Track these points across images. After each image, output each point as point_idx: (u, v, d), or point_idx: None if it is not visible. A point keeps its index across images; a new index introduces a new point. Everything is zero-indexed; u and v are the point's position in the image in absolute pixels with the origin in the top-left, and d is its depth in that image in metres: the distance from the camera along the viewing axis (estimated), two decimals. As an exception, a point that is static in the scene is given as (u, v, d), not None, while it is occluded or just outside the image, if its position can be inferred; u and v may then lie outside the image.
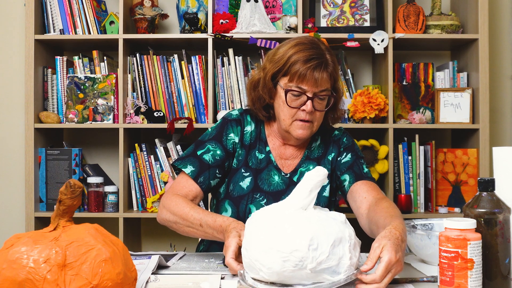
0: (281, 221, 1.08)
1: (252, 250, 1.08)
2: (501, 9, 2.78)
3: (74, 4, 2.50)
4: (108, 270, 0.88)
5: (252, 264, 1.09)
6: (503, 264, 1.03)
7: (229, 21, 2.47)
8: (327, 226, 1.10)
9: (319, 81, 1.42)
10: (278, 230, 1.07)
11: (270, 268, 1.05)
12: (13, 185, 2.77)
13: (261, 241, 1.07)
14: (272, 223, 1.09)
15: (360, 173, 1.52)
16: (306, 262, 1.03)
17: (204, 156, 1.50)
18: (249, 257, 1.09)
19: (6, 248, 0.89)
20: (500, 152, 1.13)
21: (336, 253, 1.06)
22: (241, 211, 1.51)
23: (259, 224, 1.11)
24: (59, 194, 0.93)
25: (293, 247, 1.03)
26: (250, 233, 1.12)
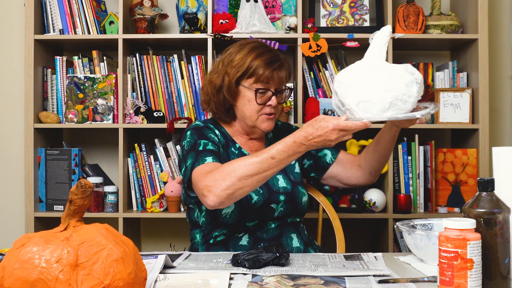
0: (375, 70, 1.39)
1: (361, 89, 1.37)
2: (501, 9, 2.78)
3: (74, 4, 2.50)
4: (120, 270, 0.88)
5: (364, 105, 1.38)
6: (502, 264, 1.03)
7: (228, 21, 2.47)
8: (408, 67, 1.38)
9: (282, 79, 1.63)
10: (381, 74, 1.37)
11: (383, 100, 1.34)
12: (12, 185, 2.77)
13: (367, 79, 1.38)
14: (368, 73, 1.40)
15: (336, 146, 1.65)
16: (407, 96, 1.33)
17: (208, 147, 1.57)
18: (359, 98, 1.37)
19: (16, 248, 0.89)
20: (499, 152, 1.13)
21: (420, 90, 1.37)
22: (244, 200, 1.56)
23: (355, 78, 1.42)
24: (70, 194, 0.93)
25: (397, 79, 1.34)
26: (351, 86, 1.40)
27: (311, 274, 1.19)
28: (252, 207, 1.58)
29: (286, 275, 1.17)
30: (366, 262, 1.30)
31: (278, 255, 1.26)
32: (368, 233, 2.78)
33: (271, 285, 1.10)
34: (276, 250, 1.27)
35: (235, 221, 1.58)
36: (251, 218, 1.59)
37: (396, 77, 1.34)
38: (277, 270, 1.22)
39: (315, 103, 2.48)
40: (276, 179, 1.66)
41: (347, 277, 1.17)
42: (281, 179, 1.67)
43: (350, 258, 1.35)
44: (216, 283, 1.11)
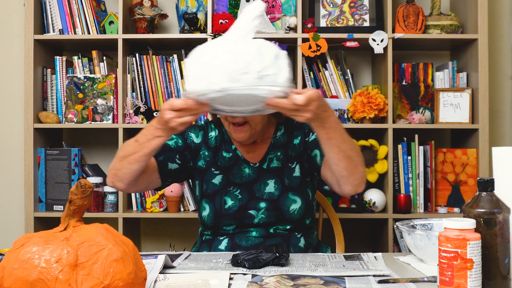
0: (228, 41, 1.24)
1: (203, 61, 1.21)
2: (501, 9, 2.78)
3: (74, 4, 2.50)
4: (120, 270, 0.88)
5: (201, 75, 1.19)
6: (502, 264, 1.03)
7: (228, 21, 2.47)
8: (269, 43, 1.28)
9: None
10: (228, 45, 1.23)
11: (221, 70, 1.16)
12: (12, 185, 2.77)
13: (213, 51, 1.21)
14: (219, 45, 1.24)
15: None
16: (252, 65, 1.17)
17: (168, 142, 1.63)
18: (198, 69, 1.20)
19: (16, 248, 0.89)
20: (499, 152, 1.13)
21: (277, 64, 1.20)
22: (217, 204, 1.58)
23: (205, 48, 1.25)
24: (70, 194, 0.93)
25: (242, 48, 1.20)
26: (200, 52, 1.24)
27: (311, 274, 1.19)
28: (225, 212, 1.57)
29: (286, 275, 1.17)
30: (366, 262, 1.30)
31: (278, 255, 1.26)
32: (368, 233, 2.78)
33: (271, 285, 1.10)
34: (276, 250, 1.27)
35: (212, 224, 1.59)
36: (227, 223, 1.58)
37: (245, 50, 1.21)
38: (277, 270, 1.22)
39: (315, 103, 2.48)
40: (264, 184, 1.59)
41: (347, 277, 1.17)
42: (271, 184, 1.59)
43: (350, 258, 1.35)
44: (216, 283, 1.11)
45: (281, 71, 1.20)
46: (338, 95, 2.54)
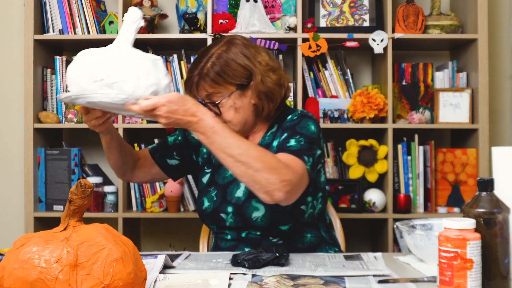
0: (103, 49, 1.31)
1: (76, 66, 1.30)
2: (501, 9, 2.78)
3: (74, 4, 2.50)
4: (119, 270, 0.88)
5: (74, 80, 1.29)
6: (502, 264, 1.03)
7: (228, 21, 2.47)
8: (138, 52, 1.32)
9: (196, 96, 1.50)
10: (96, 53, 1.30)
11: (81, 77, 1.26)
12: (12, 185, 2.77)
13: (86, 57, 1.30)
14: (91, 52, 1.31)
15: (283, 146, 1.44)
16: (99, 73, 1.25)
17: (168, 138, 1.71)
18: (72, 75, 1.30)
19: (16, 248, 0.89)
20: (499, 152, 1.13)
21: (129, 73, 1.26)
22: (199, 204, 1.61)
23: (85, 53, 1.32)
24: (70, 194, 0.93)
25: (99, 58, 1.27)
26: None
27: (310, 274, 1.19)
28: (204, 212, 1.58)
29: (286, 275, 1.17)
30: (366, 262, 1.30)
31: (277, 255, 1.26)
32: (368, 233, 2.78)
33: (270, 285, 1.10)
34: (276, 250, 1.27)
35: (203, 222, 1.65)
36: (208, 222, 1.60)
37: (101, 60, 1.27)
38: (276, 270, 1.22)
39: (314, 103, 2.48)
40: (237, 187, 1.53)
41: (347, 277, 1.17)
42: (241, 189, 1.52)
43: (350, 258, 1.35)
44: (216, 283, 1.11)
45: (140, 78, 1.26)
46: (338, 95, 2.54)
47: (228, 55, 1.47)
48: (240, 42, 1.51)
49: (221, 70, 1.46)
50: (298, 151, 1.41)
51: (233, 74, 1.46)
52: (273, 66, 1.51)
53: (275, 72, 1.51)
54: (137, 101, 1.26)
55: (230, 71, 1.46)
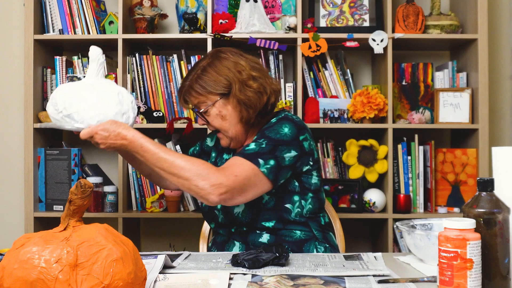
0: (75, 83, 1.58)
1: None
2: (501, 9, 2.78)
3: (74, 4, 2.50)
4: (119, 270, 0.88)
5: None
6: (502, 264, 1.03)
7: (228, 21, 2.47)
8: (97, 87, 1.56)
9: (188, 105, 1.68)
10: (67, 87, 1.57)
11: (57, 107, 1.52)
12: (12, 185, 2.77)
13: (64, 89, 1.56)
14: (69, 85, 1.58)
15: (241, 150, 1.53)
16: (60, 105, 1.51)
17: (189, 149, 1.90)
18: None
19: (16, 248, 0.89)
20: (499, 152, 1.13)
21: (79, 106, 1.51)
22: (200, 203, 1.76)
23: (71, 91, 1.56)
24: (69, 194, 0.93)
25: (63, 92, 1.54)
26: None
27: (310, 274, 1.19)
28: (203, 211, 1.71)
29: (286, 275, 1.17)
30: (365, 262, 1.30)
31: (277, 255, 1.26)
32: (368, 233, 2.78)
33: (270, 285, 1.10)
34: (275, 250, 1.27)
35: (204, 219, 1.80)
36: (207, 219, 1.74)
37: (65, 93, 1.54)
38: (276, 270, 1.22)
39: (314, 103, 2.48)
40: None
41: (346, 277, 1.17)
42: None
43: (349, 258, 1.35)
44: (215, 283, 1.11)
45: (86, 110, 1.51)
46: (338, 95, 2.54)
47: (210, 67, 1.61)
48: (224, 54, 1.63)
49: (203, 82, 1.59)
50: (251, 154, 1.49)
51: (214, 85, 1.58)
52: (254, 75, 1.60)
53: (256, 81, 1.60)
54: (78, 129, 1.53)
55: (211, 82, 1.59)
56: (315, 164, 1.63)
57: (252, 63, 1.63)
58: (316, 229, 1.63)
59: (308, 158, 1.60)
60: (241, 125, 1.62)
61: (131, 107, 1.57)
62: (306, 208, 1.61)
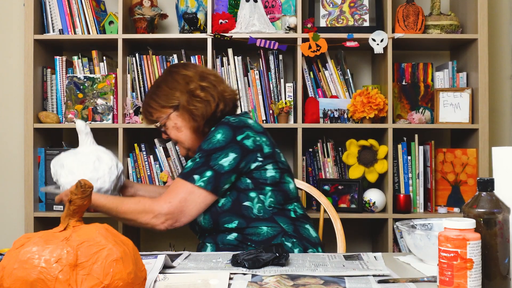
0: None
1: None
2: (501, 9, 2.78)
3: (74, 4, 2.50)
4: (119, 270, 0.88)
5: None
6: (502, 264, 1.03)
7: (228, 21, 2.47)
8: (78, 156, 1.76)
9: (149, 123, 1.81)
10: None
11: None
12: (12, 185, 2.77)
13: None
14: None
15: (182, 169, 1.65)
16: (53, 174, 1.77)
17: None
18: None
19: (16, 248, 0.89)
20: (499, 152, 1.13)
21: (64, 172, 1.73)
22: None
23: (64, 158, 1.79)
24: (69, 194, 0.93)
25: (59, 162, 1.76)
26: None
27: (310, 274, 1.19)
28: None
29: (286, 275, 1.17)
30: (365, 262, 1.30)
31: (277, 255, 1.26)
32: (368, 233, 2.78)
33: (270, 285, 1.10)
34: (275, 250, 1.27)
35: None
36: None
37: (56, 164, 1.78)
38: (276, 270, 1.22)
39: (314, 103, 2.48)
40: None
41: (346, 277, 1.17)
42: None
43: (349, 258, 1.35)
44: (215, 283, 1.11)
45: (69, 175, 1.73)
46: (338, 95, 2.54)
47: (163, 83, 1.73)
48: (175, 69, 1.75)
49: (157, 97, 1.72)
50: (187, 173, 1.59)
51: (166, 99, 1.70)
52: (202, 85, 1.69)
53: (204, 90, 1.69)
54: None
55: (164, 96, 1.71)
56: (267, 159, 1.63)
57: (203, 74, 1.73)
58: (285, 223, 1.63)
59: (255, 155, 1.61)
60: (194, 134, 1.72)
61: (107, 172, 1.74)
62: (267, 202, 1.62)
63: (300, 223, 1.67)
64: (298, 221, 1.67)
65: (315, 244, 1.66)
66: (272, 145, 1.67)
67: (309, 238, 1.66)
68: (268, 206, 1.62)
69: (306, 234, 1.66)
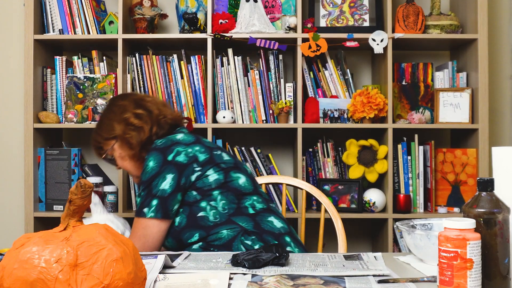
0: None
1: None
2: (501, 9, 2.78)
3: (74, 4, 2.50)
4: (119, 270, 0.88)
5: None
6: (502, 264, 1.03)
7: (228, 21, 2.47)
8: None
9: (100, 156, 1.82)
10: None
11: None
12: (12, 185, 2.77)
13: None
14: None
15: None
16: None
17: None
18: None
19: (16, 248, 0.89)
20: (499, 152, 1.13)
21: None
22: None
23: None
24: (69, 194, 0.93)
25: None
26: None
27: (310, 274, 1.19)
28: None
29: (286, 275, 1.17)
30: (365, 262, 1.30)
31: (277, 255, 1.26)
32: (368, 233, 2.78)
33: (270, 285, 1.10)
34: (275, 250, 1.27)
35: None
36: None
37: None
38: (276, 270, 1.22)
39: (314, 103, 2.48)
40: None
41: (346, 277, 1.17)
42: None
43: (349, 258, 1.35)
44: (215, 283, 1.11)
45: None
46: (338, 95, 2.54)
47: (104, 116, 1.79)
48: (114, 101, 1.81)
49: (100, 130, 1.77)
50: (138, 210, 1.61)
51: (107, 130, 1.75)
52: (137, 112, 1.73)
53: (138, 117, 1.72)
54: None
55: (105, 129, 1.76)
56: (205, 166, 1.63)
57: (138, 101, 1.77)
58: (244, 221, 1.62)
59: (191, 167, 1.61)
60: (137, 162, 1.74)
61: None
62: (220, 206, 1.62)
63: (262, 217, 1.65)
64: (259, 215, 1.65)
65: (280, 235, 1.63)
66: (208, 150, 1.66)
67: (273, 230, 1.63)
68: (222, 210, 1.62)
69: (269, 227, 1.63)
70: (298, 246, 1.65)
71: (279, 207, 2.49)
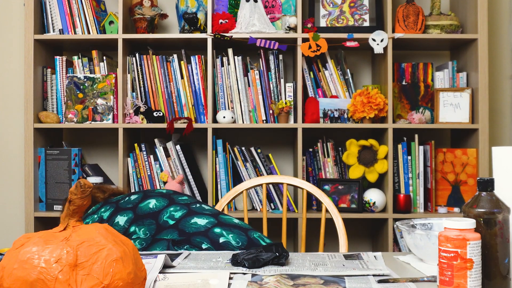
0: None
1: None
2: (501, 9, 2.78)
3: (74, 4, 2.50)
4: (119, 270, 0.88)
5: None
6: (502, 264, 1.03)
7: (228, 21, 2.47)
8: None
9: None
10: None
11: None
12: (12, 185, 2.77)
13: None
14: None
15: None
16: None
17: None
18: None
19: (16, 248, 0.89)
20: (499, 152, 1.13)
21: None
22: None
23: None
24: (69, 193, 0.93)
25: None
26: None
27: (310, 273, 1.19)
28: None
29: (286, 275, 1.17)
30: (365, 262, 1.30)
31: (277, 255, 1.26)
32: (368, 233, 2.78)
33: (270, 284, 1.10)
34: (275, 250, 1.27)
35: None
36: None
37: None
38: (276, 270, 1.22)
39: (314, 103, 2.48)
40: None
41: (346, 276, 1.17)
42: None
43: (349, 258, 1.35)
44: (215, 283, 1.11)
45: None
46: (338, 95, 2.54)
47: None
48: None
49: None
50: None
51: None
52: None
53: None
54: None
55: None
56: (110, 218, 1.69)
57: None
58: (168, 234, 1.64)
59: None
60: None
61: None
62: (141, 233, 1.67)
63: (184, 223, 1.65)
64: (180, 222, 1.65)
65: (208, 230, 1.62)
66: (112, 204, 1.73)
67: (199, 229, 1.62)
68: (144, 235, 1.65)
69: (194, 228, 1.63)
70: (231, 231, 1.62)
71: (279, 207, 2.49)
